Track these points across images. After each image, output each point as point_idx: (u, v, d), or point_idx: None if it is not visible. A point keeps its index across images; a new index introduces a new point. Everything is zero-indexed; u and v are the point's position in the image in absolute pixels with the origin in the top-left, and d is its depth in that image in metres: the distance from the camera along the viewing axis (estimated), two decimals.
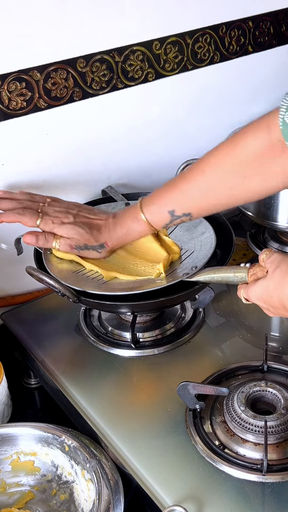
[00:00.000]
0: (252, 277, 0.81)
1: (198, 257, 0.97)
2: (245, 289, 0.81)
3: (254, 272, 0.81)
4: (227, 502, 0.76)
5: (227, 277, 0.85)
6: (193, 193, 0.90)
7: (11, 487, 0.86)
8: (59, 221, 0.93)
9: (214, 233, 1.01)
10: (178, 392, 0.85)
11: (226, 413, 0.85)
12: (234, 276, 0.84)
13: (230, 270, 0.85)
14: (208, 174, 0.88)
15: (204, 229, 1.03)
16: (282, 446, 0.81)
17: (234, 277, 0.84)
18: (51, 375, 0.96)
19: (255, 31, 1.22)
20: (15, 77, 0.97)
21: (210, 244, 0.99)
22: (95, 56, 1.04)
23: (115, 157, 1.15)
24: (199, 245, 1.00)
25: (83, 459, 0.81)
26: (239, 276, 0.83)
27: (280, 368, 0.93)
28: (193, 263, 0.95)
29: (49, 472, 0.86)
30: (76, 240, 0.93)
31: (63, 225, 0.93)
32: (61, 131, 1.06)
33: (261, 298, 0.78)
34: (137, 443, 0.85)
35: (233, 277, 0.84)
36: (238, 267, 0.84)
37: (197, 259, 0.97)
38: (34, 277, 0.91)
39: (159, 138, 1.19)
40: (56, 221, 0.93)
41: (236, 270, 0.84)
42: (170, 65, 1.13)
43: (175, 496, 0.77)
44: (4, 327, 1.08)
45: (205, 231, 1.02)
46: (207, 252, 0.97)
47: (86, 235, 0.93)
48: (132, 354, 0.98)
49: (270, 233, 1.25)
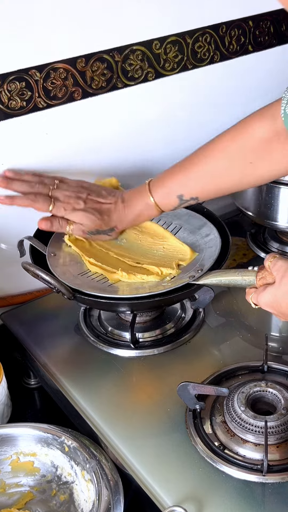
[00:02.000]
0: (261, 281, 0.80)
1: (203, 259, 0.97)
2: (254, 294, 0.81)
3: (262, 276, 0.80)
4: (227, 502, 0.76)
5: (234, 281, 0.85)
6: (202, 178, 0.92)
7: (10, 488, 0.86)
8: (70, 207, 0.94)
9: (218, 234, 1.01)
10: (178, 392, 0.85)
11: (226, 414, 0.84)
12: (242, 279, 0.83)
13: (237, 273, 0.84)
14: (216, 159, 0.90)
15: (208, 231, 1.03)
16: (282, 447, 0.81)
17: (242, 280, 0.83)
18: (51, 375, 0.96)
19: (255, 30, 1.22)
20: (15, 77, 0.97)
21: (215, 246, 0.99)
22: (94, 55, 1.04)
23: (115, 157, 1.15)
24: (204, 247, 1.00)
25: (82, 459, 0.81)
26: (247, 280, 0.82)
27: (280, 368, 0.93)
28: (199, 265, 0.95)
29: (48, 473, 0.86)
30: (88, 226, 0.95)
31: (75, 212, 0.95)
32: (60, 131, 1.06)
33: (271, 305, 0.79)
34: (137, 443, 0.84)
35: (241, 280, 0.83)
36: (246, 271, 0.83)
37: (203, 261, 0.96)
38: (30, 272, 0.91)
39: (159, 138, 1.19)
40: (67, 208, 0.94)
41: (244, 273, 0.83)
42: (170, 64, 1.13)
43: (175, 497, 0.77)
44: (4, 327, 1.08)
45: (210, 233, 1.02)
46: (212, 254, 0.97)
47: (97, 221, 0.95)
48: (132, 354, 0.98)
49: (270, 233, 1.25)
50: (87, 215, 0.95)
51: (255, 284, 0.81)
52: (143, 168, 1.20)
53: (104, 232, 0.98)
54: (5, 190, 0.96)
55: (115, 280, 0.94)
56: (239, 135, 0.89)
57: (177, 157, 1.16)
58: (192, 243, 1.01)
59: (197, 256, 0.98)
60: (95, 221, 0.95)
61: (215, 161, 0.90)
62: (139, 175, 1.19)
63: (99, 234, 0.97)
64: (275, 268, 0.79)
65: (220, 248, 0.98)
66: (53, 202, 0.94)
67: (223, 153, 0.90)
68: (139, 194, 0.96)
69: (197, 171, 0.92)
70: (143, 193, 0.95)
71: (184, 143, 1.22)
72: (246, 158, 0.88)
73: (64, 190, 0.96)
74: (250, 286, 0.82)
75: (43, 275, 0.90)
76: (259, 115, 0.88)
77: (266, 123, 0.87)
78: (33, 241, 0.99)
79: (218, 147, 0.91)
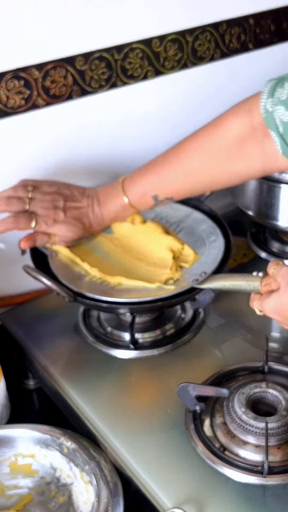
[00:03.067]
0: (265, 287, 0.80)
1: (206, 262, 0.96)
2: (259, 301, 0.79)
3: (267, 282, 0.79)
4: (228, 504, 0.76)
5: (239, 285, 0.84)
6: (176, 177, 0.90)
7: (9, 490, 0.85)
8: (51, 221, 0.94)
9: (222, 236, 1.00)
10: (178, 393, 0.85)
11: (227, 415, 0.84)
12: (246, 284, 0.82)
13: (242, 278, 0.83)
14: (190, 157, 0.88)
15: (211, 232, 1.02)
16: (283, 448, 0.80)
17: (246, 285, 0.82)
18: (50, 376, 0.96)
19: (256, 28, 1.22)
20: (14, 75, 0.97)
21: (218, 249, 0.98)
22: (94, 54, 1.03)
23: (115, 156, 1.15)
24: (207, 249, 0.99)
25: (82, 461, 0.81)
26: (252, 285, 0.81)
27: (281, 369, 0.92)
28: (202, 269, 0.94)
29: (47, 474, 0.85)
30: (70, 237, 0.95)
31: (57, 225, 0.94)
32: (59, 129, 1.05)
33: (276, 312, 0.78)
34: (137, 444, 0.84)
35: (245, 285, 0.83)
36: (250, 276, 0.82)
37: (206, 264, 0.95)
38: (31, 275, 0.91)
39: (158, 136, 1.19)
40: (49, 221, 0.93)
41: (249, 279, 0.82)
42: (170, 63, 1.13)
43: (174, 499, 0.76)
44: (3, 328, 1.07)
45: (213, 235, 1.01)
46: (215, 256, 0.96)
47: (79, 231, 0.95)
48: (131, 355, 0.98)
49: (270, 233, 1.24)
50: (69, 228, 0.94)
51: (259, 289, 0.81)
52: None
53: (84, 237, 0.98)
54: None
55: (118, 283, 0.93)
56: (213, 132, 0.87)
57: None
58: (194, 245, 1.00)
59: (200, 258, 0.97)
60: (77, 232, 0.95)
61: (189, 159, 0.89)
62: None
63: (79, 240, 0.98)
64: (279, 275, 0.78)
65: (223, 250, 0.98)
66: (34, 218, 0.93)
67: (197, 151, 0.88)
68: (113, 195, 0.95)
69: (171, 170, 0.90)
70: (117, 193, 0.94)
71: None
72: (221, 155, 0.86)
73: (40, 201, 0.94)
74: (254, 292, 0.82)
75: (44, 278, 0.89)
76: (234, 111, 0.86)
77: (242, 118, 0.85)
78: None
79: (192, 144, 0.89)
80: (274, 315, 0.78)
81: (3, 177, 1.03)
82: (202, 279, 0.91)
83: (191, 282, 0.91)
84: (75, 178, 1.12)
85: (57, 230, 0.94)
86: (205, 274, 0.92)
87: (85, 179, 1.13)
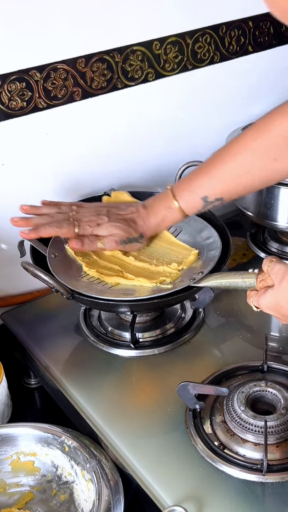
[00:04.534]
0: (261, 283, 0.81)
1: (204, 262, 0.97)
2: (255, 297, 0.81)
3: (263, 278, 0.80)
4: (227, 502, 0.76)
5: (235, 283, 0.85)
6: (226, 178, 0.91)
7: (11, 488, 0.86)
8: (95, 224, 0.94)
9: (219, 238, 1.01)
10: (178, 392, 0.85)
11: (226, 413, 0.84)
12: (242, 281, 0.83)
13: (238, 275, 0.84)
14: (239, 157, 0.89)
15: (209, 233, 1.03)
16: (282, 446, 0.81)
17: (242, 282, 0.83)
18: (51, 375, 0.96)
19: (255, 31, 1.22)
20: (15, 77, 0.97)
21: (216, 249, 0.99)
22: (95, 56, 1.04)
23: (115, 157, 1.15)
24: (204, 250, 1.00)
25: (83, 459, 0.81)
26: (248, 282, 0.83)
27: (280, 368, 0.93)
28: (200, 268, 0.95)
29: (49, 473, 0.86)
30: (119, 235, 0.94)
31: (102, 226, 0.94)
32: (61, 131, 1.06)
33: (272, 308, 0.79)
34: (137, 443, 0.84)
35: (241, 282, 0.84)
36: (246, 273, 0.83)
37: (204, 264, 0.96)
38: (29, 272, 0.91)
39: (159, 138, 1.19)
40: (92, 224, 0.94)
41: (245, 276, 0.83)
42: (170, 65, 1.13)
43: (175, 496, 0.77)
44: (4, 327, 1.08)
45: (210, 236, 1.02)
46: (213, 256, 0.97)
47: (126, 228, 0.94)
48: (132, 354, 0.98)
49: (270, 233, 1.25)
50: (115, 225, 0.94)
51: (256, 286, 0.81)
52: (142, 167, 1.20)
53: (135, 240, 0.96)
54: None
55: (115, 283, 0.94)
56: (261, 132, 0.88)
57: (177, 156, 1.16)
58: (192, 246, 1.01)
59: (198, 258, 0.98)
60: (124, 229, 0.94)
61: (239, 159, 0.89)
62: (139, 175, 1.20)
63: (131, 242, 0.96)
64: (273, 272, 0.79)
65: (221, 250, 0.98)
66: (77, 224, 0.93)
67: (246, 151, 0.89)
68: (162, 200, 0.95)
69: (221, 171, 0.90)
70: (166, 198, 0.94)
71: (185, 143, 1.23)
72: (269, 154, 0.87)
73: (84, 213, 0.95)
74: (250, 288, 0.83)
75: (42, 275, 0.90)
76: (281, 110, 0.87)
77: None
78: (33, 242, 0.99)
79: (240, 145, 0.89)
80: (271, 311, 0.79)
81: (4, 178, 1.04)
82: (199, 278, 0.92)
83: (189, 281, 0.92)
84: (76, 178, 1.12)
85: (103, 230, 0.94)
86: (202, 273, 0.93)
87: (86, 179, 1.13)
